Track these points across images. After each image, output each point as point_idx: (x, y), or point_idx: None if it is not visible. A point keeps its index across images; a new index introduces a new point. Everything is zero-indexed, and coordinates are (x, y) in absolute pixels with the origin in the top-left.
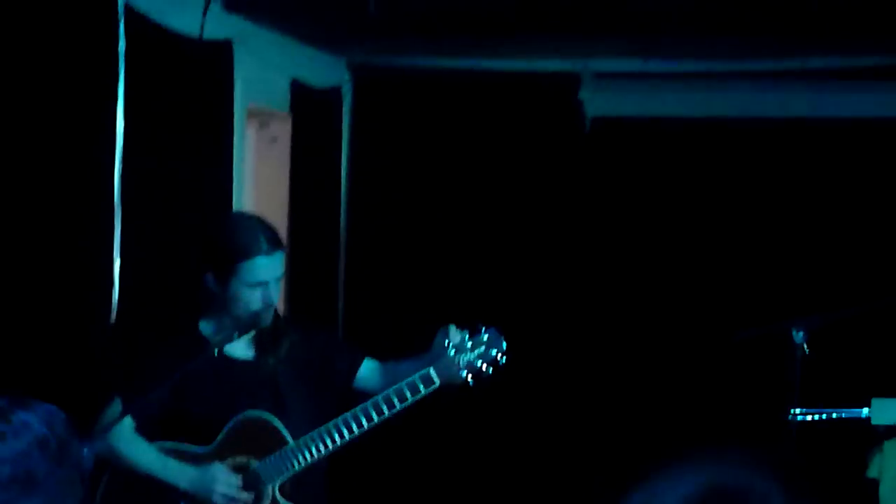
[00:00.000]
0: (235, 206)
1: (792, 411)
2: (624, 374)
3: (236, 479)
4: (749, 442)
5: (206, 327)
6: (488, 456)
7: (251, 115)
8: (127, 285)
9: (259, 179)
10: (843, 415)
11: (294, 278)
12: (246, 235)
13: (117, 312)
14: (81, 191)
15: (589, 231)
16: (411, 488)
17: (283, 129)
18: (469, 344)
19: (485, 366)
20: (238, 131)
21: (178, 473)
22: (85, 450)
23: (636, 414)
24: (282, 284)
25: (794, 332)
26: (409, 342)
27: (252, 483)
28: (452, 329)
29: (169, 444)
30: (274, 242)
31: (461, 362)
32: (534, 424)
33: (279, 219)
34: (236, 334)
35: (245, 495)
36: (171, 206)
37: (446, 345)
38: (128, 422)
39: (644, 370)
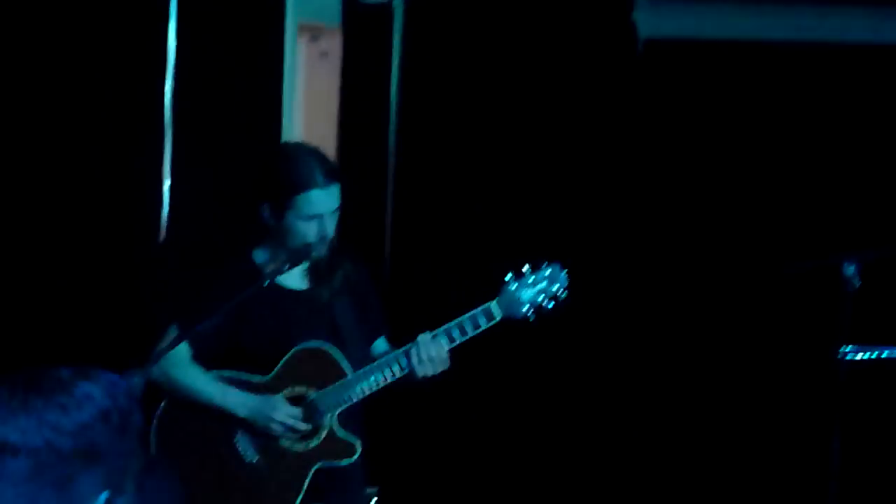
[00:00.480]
0: (285, 122)
1: (841, 349)
2: (674, 304)
3: (296, 410)
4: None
5: (259, 257)
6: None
7: (302, 29)
8: (177, 205)
9: (309, 95)
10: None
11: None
12: (302, 168)
13: (167, 232)
14: (132, 109)
15: (639, 155)
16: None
17: (333, 44)
18: (531, 279)
19: (546, 301)
20: (289, 46)
21: (238, 401)
22: (137, 378)
23: (685, 344)
24: (337, 217)
25: (845, 266)
26: (457, 268)
27: (309, 413)
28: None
29: (227, 374)
30: (330, 175)
31: (523, 297)
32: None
33: (328, 134)
34: (287, 266)
35: (304, 426)
36: (221, 123)
37: (508, 279)
38: (184, 349)
39: (693, 302)
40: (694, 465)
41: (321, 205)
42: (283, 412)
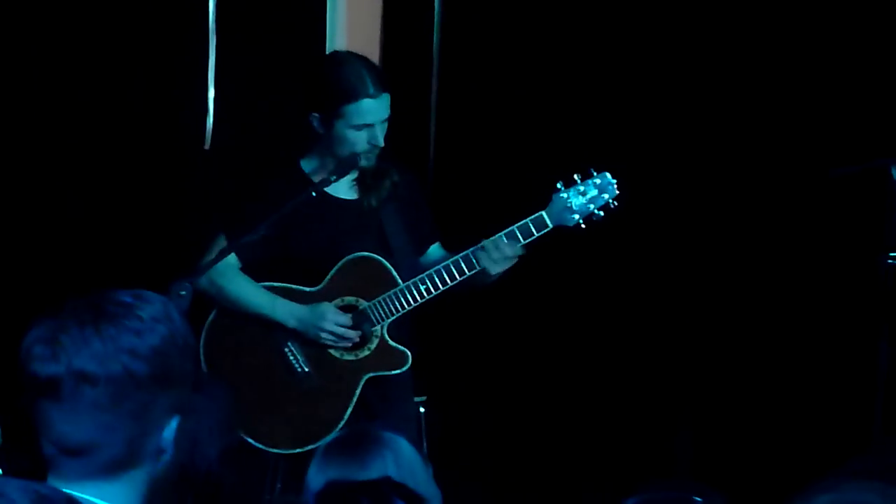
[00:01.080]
0: (329, 27)
1: (890, 255)
2: (718, 207)
3: (346, 318)
4: None
5: (307, 166)
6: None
7: None
8: (222, 114)
9: (351, 9)
10: None
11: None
12: (352, 77)
13: (212, 140)
14: (175, 17)
15: (679, 59)
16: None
17: None
18: (582, 188)
19: (597, 210)
20: None
21: (286, 311)
22: (186, 286)
23: (729, 248)
24: (386, 126)
25: (893, 169)
26: (502, 176)
27: (360, 323)
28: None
29: (277, 285)
30: (380, 84)
31: (574, 206)
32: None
33: (372, 39)
34: (335, 176)
35: (353, 334)
36: (264, 34)
37: (559, 187)
38: (233, 259)
39: (737, 207)
40: (743, 372)
41: (371, 114)
42: (331, 321)
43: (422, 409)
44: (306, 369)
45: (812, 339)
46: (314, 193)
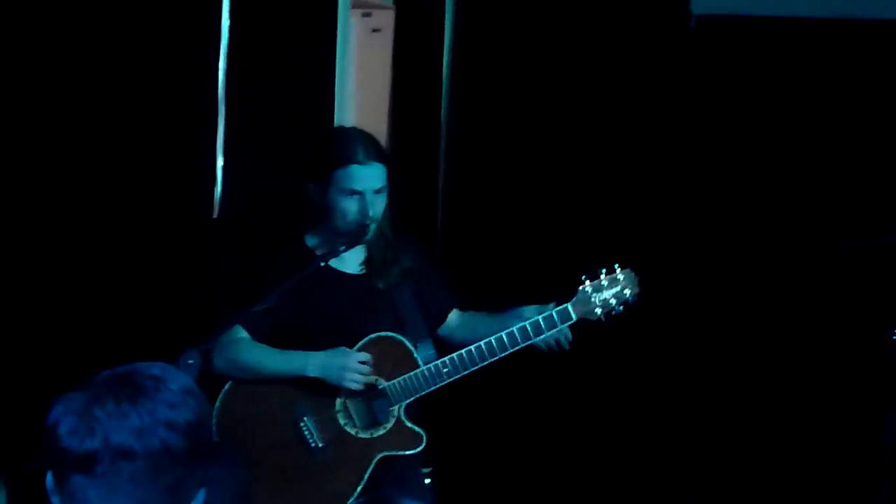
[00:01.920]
0: (338, 99)
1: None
2: (730, 279)
3: (366, 356)
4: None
5: (311, 241)
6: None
7: (355, 5)
8: (230, 184)
9: (361, 71)
10: None
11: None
12: (342, 144)
13: (219, 209)
14: (185, 86)
15: (691, 131)
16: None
17: (386, 20)
18: (605, 282)
19: (618, 305)
20: (342, 22)
21: (304, 360)
22: (194, 354)
23: (739, 321)
24: (386, 199)
25: None
26: (509, 254)
27: (377, 403)
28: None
29: None
30: (371, 153)
31: (597, 300)
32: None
33: (380, 111)
34: (342, 248)
35: (372, 378)
36: (274, 100)
37: (583, 281)
38: (244, 334)
39: (749, 280)
40: (753, 443)
41: (360, 181)
42: (354, 359)
43: (427, 481)
44: (320, 444)
45: (819, 412)
46: (322, 264)
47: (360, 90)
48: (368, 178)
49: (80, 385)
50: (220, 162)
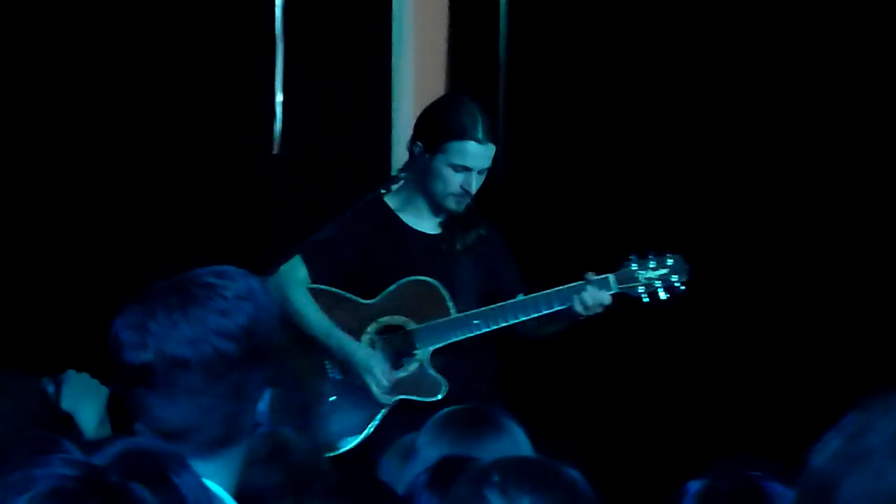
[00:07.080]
0: (395, 38)
1: None
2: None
3: (393, 372)
4: None
5: (393, 202)
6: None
7: None
8: (290, 120)
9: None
10: None
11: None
12: (466, 117)
13: (280, 145)
14: (243, 23)
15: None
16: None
17: None
18: (653, 263)
19: (663, 289)
20: None
21: (339, 345)
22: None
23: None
24: (483, 178)
25: None
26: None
27: (403, 345)
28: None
29: (331, 289)
30: (489, 134)
31: (641, 278)
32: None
33: (439, 48)
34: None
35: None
36: (332, 37)
37: (630, 257)
38: (304, 275)
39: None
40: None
41: (473, 158)
42: (378, 370)
43: None
44: (338, 378)
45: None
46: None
47: (417, 26)
48: (482, 157)
49: (136, 297)
50: (279, 97)
